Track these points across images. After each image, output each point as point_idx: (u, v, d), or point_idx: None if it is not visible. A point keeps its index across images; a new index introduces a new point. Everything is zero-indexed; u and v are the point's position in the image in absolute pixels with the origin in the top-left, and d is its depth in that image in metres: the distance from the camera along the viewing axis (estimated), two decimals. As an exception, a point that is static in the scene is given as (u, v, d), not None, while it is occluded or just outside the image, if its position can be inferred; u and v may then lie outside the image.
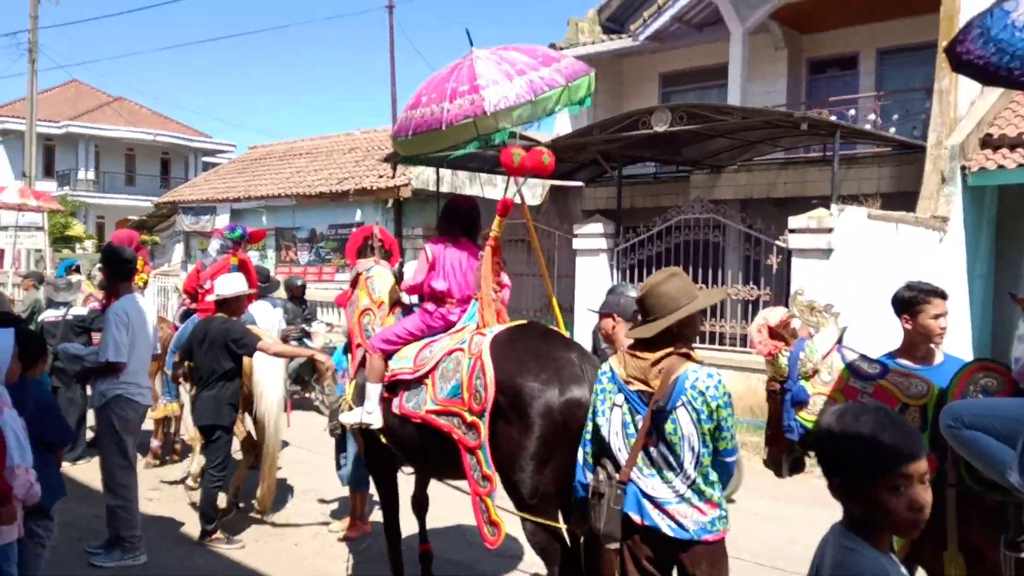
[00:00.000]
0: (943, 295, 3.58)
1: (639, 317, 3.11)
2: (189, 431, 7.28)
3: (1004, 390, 3.00)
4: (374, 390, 4.16)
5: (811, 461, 3.77)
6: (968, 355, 7.82)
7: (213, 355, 5.54)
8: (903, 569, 1.73)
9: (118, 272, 5.37)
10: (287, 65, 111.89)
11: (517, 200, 4.24)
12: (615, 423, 2.95)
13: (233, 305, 5.72)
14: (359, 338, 4.48)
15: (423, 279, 4.18)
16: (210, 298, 5.83)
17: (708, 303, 3.33)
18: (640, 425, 2.88)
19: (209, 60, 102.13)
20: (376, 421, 4.15)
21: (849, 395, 3.19)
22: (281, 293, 10.36)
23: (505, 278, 4.27)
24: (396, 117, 14.72)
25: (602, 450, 3.01)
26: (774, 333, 3.35)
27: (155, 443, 7.80)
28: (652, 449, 2.88)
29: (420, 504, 4.83)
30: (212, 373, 5.55)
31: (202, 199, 19.06)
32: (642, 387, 2.90)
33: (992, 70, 2.64)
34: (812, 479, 8.31)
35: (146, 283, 8.28)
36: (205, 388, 5.59)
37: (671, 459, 2.85)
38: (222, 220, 16.89)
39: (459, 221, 4.32)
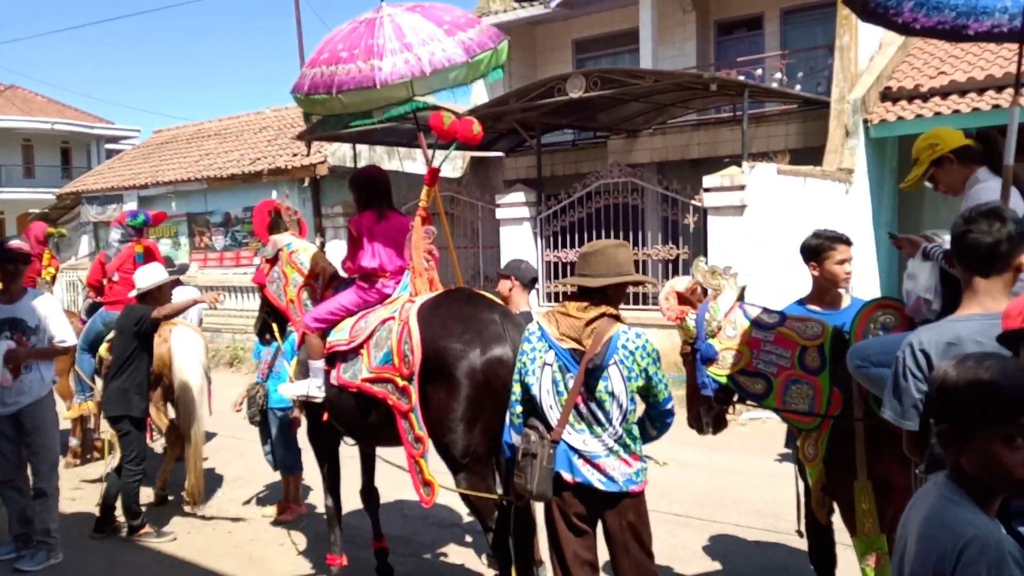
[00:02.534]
0: (847, 241, 3.75)
1: (556, 281, 3.18)
2: (110, 429, 7.04)
3: (901, 325, 3.19)
4: (317, 366, 4.16)
5: (733, 416, 3.93)
6: (876, 300, 8.20)
7: (119, 343, 5.36)
8: (1013, 540, 1.58)
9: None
10: (189, 45, 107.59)
11: (441, 167, 4.23)
12: (545, 382, 3.00)
13: (156, 296, 5.51)
14: (299, 314, 4.43)
15: (355, 258, 4.16)
16: (132, 293, 5.59)
17: (643, 280, 3.56)
18: (571, 383, 2.93)
19: (107, 43, 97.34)
20: (320, 395, 4.15)
21: (753, 346, 3.38)
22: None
23: (434, 247, 4.27)
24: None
25: (531, 410, 3.06)
26: (682, 299, 3.54)
27: (74, 442, 7.51)
28: (582, 406, 2.95)
29: (370, 497, 4.78)
30: (118, 361, 5.36)
31: (107, 188, 18.26)
32: (575, 345, 2.96)
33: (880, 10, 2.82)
34: (736, 427, 8.67)
35: (54, 277, 7.90)
36: (113, 378, 5.40)
37: (600, 415, 2.93)
38: (130, 208, 16.23)
39: (377, 192, 4.27)
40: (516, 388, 3.12)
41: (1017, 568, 1.47)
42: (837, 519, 3.58)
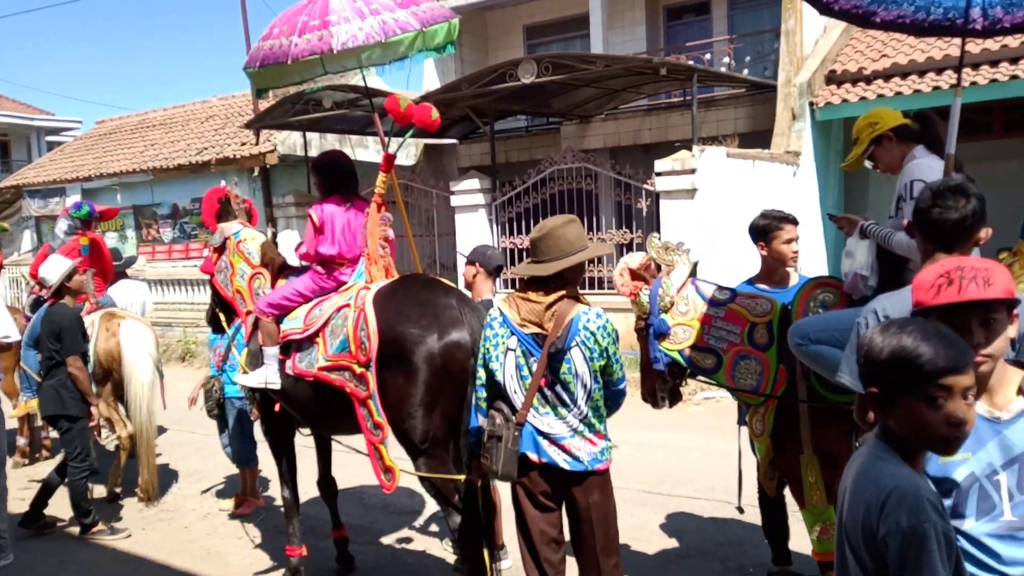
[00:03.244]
0: (794, 221, 3.84)
1: (513, 268, 3.17)
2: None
3: (840, 303, 3.29)
4: (271, 352, 4.11)
5: (687, 390, 4.01)
6: (824, 279, 8.40)
7: (46, 344, 5.22)
8: (933, 487, 1.69)
9: None
10: (131, 33, 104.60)
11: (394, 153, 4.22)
12: (509, 367, 3.01)
13: (70, 288, 5.35)
14: (249, 304, 4.38)
15: (312, 245, 4.12)
16: (47, 294, 5.42)
17: (599, 253, 3.52)
18: (535, 367, 2.95)
19: (45, 31, 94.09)
20: (278, 382, 4.11)
21: (704, 321, 3.45)
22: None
23: (391, 234, 4.26)
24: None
25: (496, 394, 3.07)
26: (636, 275, 3.58)
27: (22, 441, 7.32)
28: (547, 389, 2.96)
29: (327, 488, 4.75)
30: (50, 360, 5.23)
31: (49, 180, 17.69)
32: (536, 330, 2.97)
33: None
34: (691, 407, 8.80)
35: (-4, 273, 7.66)
36: (46, 377, 5.28)
37: (565, 397, 2.95)
38: (73, 201, 15.77)
39: (342, 177, 4.24)
40: (481, 373, 3.13)
41: (934, 511, 1.56)
42: (789, 493, 3.69)
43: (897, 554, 1.56)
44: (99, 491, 6.22)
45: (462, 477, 3.61)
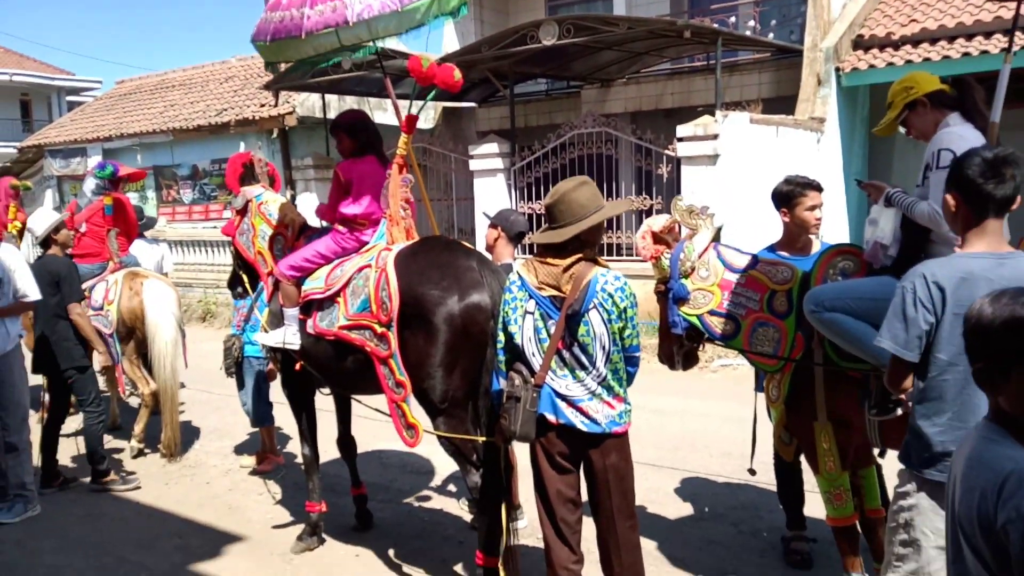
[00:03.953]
0: (818, 187, 3.79)
1: (530, 234, 3.16)
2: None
3: (860, 271, 3.26)
4: (292, 313, 4.16)
5: (705, 357, 4.01)
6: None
7: (46, 292, 5.25)
8: None
9: None
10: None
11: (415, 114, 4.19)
12: (527, 330, 3.03)
13: (56, 240, 5.45)
14: (271, 265, 4.41)
15: (336, 205, 4.13)
16: (34, 243, 5.52)
17: (615, 212, 3.45)
18: (552, 330, 2.97)
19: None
20: (297, 343, 4.15)
21: (724, 287, 3.44)
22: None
23: (411, 196, 4.27)
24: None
25: (516, 356, 3.10)
26: (658, 238, 3.56)
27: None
28: (565, 352, 2.98)
29: (347, 447, 4.81)
30: (46, 312, 5.32)
31: (70, 140, 17.78)
32: (554, 292, 2.98)
33: None
34: (708, 373, 8.81)
35: (21, 232, 7.73)
36: (45, 333, 5.39)
37: (584, 359, 2.96)
38: (94, 162, 15.82)
39: (369, 138, 4.23)
40: (501, 336, 3.15)
41: None
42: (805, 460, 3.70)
43: (1020, 543, 1.40)
44: (121, 445, 6.37)
45: (484, 439, 3.65)
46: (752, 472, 3.92)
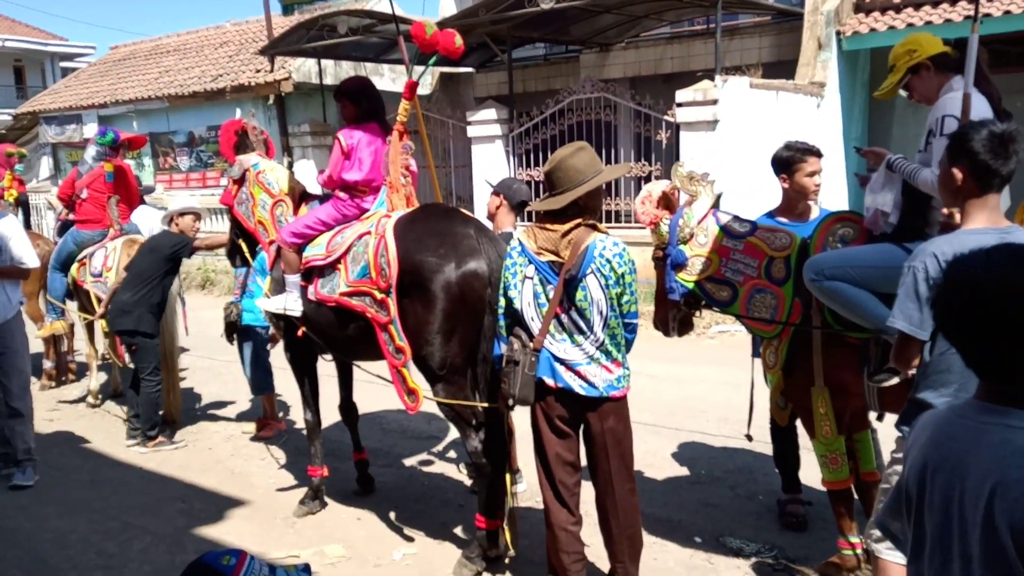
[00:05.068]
0: (818, 153, 3.78)
1: (531, 202, 3.16)
2: (85, 350, 7.04)
3: (860, 238, 3.26)
4: (294, 280, 4.19)
5: (700, 321, 4.03)
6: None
7: (148, 260, 5.61)
8: None
9: None
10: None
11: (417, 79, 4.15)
12: (526, 295, 3.06)
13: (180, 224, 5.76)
14: (272, 233, 4.42)
15: (337, 171, 4.12)
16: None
17: (613, 176, 3.40)
18: (551, 294, 2.99)
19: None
20: (298, 309, 4.18)
21: (723, 254, 3.45)
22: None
23: (413, 164, 4.27)
24: (268, 6, 13.83)
25: (516, 321, 3.13)
26: (657, 204, 3.56)
27: (48, 364, 7.49)
28: (563, 316, 3.01)
29: (349, 412, 4.86)
30: (141, 277, 5.58)
31: (65, 107, 17.63)
32: (553, 258, 3.00)
33: None
34: (705, 340, 8.85)
35: (17, 200, 7.69)
36: (128, 292, 5.58)
37: (581, 324, 2.99)
38: (90, 129, 15.73)
39: (372, 104, 4.22)
40: (502, 302, 3.19)
41: None
42: (800, 424, 3.74)
43: None
44: (121, 413, 6.42)
45: (484, 405, 3.69)
46: (749, 438, 3.96)
